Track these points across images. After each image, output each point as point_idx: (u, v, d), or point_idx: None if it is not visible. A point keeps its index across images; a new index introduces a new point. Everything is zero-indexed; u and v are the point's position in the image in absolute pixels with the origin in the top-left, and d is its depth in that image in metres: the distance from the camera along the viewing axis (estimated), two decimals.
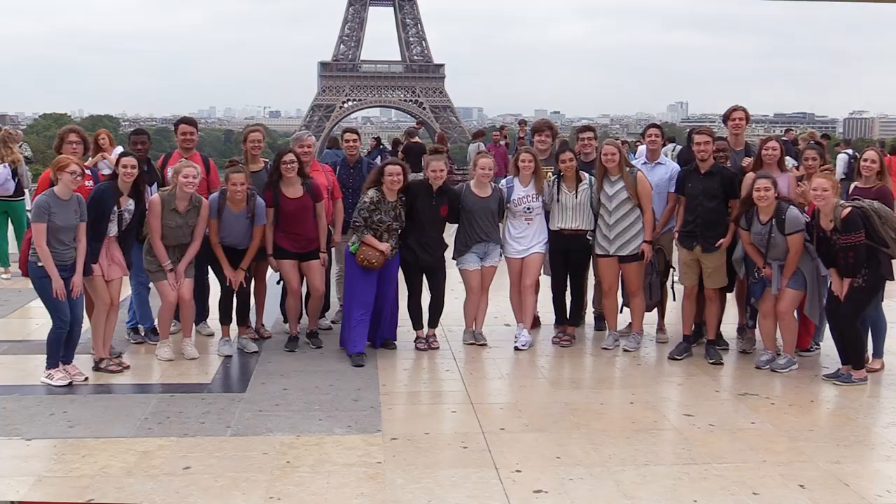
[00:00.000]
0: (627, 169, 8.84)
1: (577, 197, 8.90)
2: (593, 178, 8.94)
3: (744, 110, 9.45)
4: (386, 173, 8.57)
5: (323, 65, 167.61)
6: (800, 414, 7.13)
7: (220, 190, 8.68)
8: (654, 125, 9.93)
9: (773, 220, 8.02)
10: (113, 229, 7.97)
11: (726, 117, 9.51)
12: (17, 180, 12.67)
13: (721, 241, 8.46)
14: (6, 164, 12.50)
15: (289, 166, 8.63)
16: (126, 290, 9.09)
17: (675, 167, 9.23)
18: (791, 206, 8.05)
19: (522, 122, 22.83)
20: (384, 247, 8.53)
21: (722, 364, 8.54)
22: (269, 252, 8.77)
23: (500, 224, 9.12)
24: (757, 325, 8.69)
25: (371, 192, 8.57)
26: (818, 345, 8.92)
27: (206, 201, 8.50)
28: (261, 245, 8.69)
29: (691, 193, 8.60)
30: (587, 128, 10.31)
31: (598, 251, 8.97)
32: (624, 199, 8.76)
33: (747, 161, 8.91)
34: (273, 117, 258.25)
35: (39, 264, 7.41)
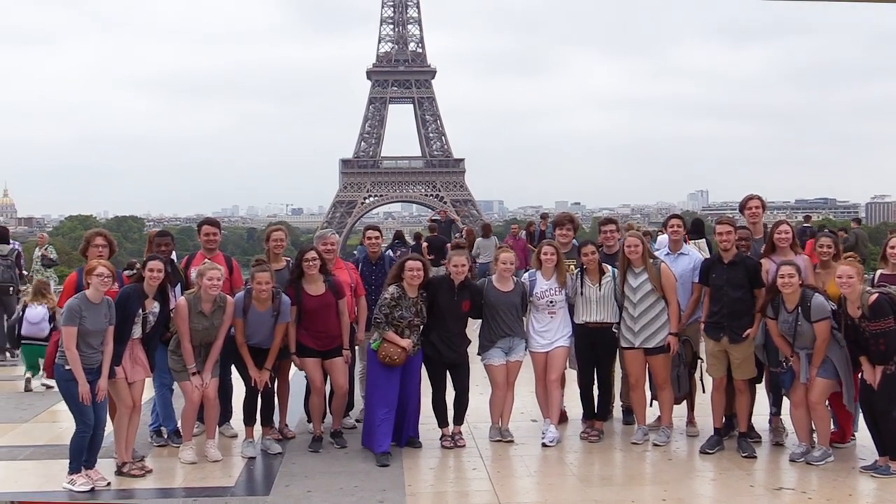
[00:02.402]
0: (651, 261, 8.82)
1: (600, 290, 8.87)
2: (616, 271, 8.91)
3: (759, 199, 9.47)
4: (406, 268, 8.58)
5: (344, 162, 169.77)
6: None
7: (246, 289, 8.70)
8: (675, 216, 9.93)
9: (799, 307, 7.93)
10: (137, 331, 7.98)
11: (742, 206, 9.53)
12: (52, 325, 12.35)
13: (748, 331, 8.37)
14: (45, 305, 12.47)
15: (310, 263, 8.65)
16: (149, 392, 9.05)
17: (698, 257, 9.21)
18: (816, 294, 7.97)
19: (544, 216, 22.94)
20: (406, 343, 8.48)
21: (755, 457, 8.34)
22: (293, 350, 8.74)
23: (523, 318, 9.07)
24: (788, 414, 8.51)
25: (392, 289, 8.57)
26: (853, 435, 8.71)
27: (230, 299, 8.52)
28: (283, 343, 8.67)
29: (716, 284, 8.54)
30: (610, 220, 10.32)
31: (624, 343, 8.89)
32: (648, 291, 8.71)
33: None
34: (295, 214, 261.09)
35: (67, 367, 7.41)
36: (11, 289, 15.35)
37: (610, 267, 9.00)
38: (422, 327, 8.69)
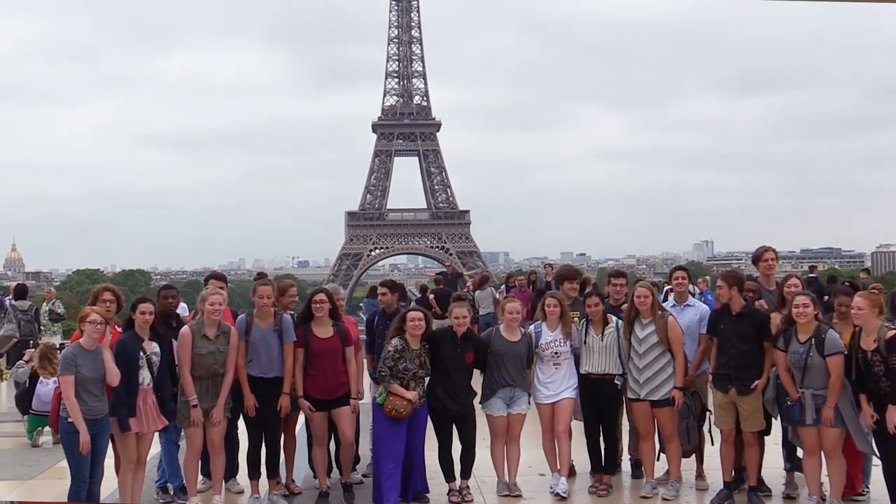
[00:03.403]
0: (659, 312, 8.81)
1: (602, 340, 8.86)
2: (620, 322, 8.91)
3: (773, 251, 9.49)
4: (408, 320, 8.58)
5: (350, 214, 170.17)
6: None
7: (247, 312, 8.77)
8: (680, 267, 9.95)
9: (813, 339, 7.87)
10: (146, 377, 7.97)
11: (757, 258, 9.52)
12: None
13: (756, 382, 8.32)
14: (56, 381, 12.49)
15: (318, 306, 8.68)
16: (155, 448, 9.00)
17: (705, 308, 9.21)
18: (831, 329, 7.94)
19: (549, 266, 22.93)
20: (411, 395, 8.45)
21: None
22: (300, 394, 8.69)
23: (528, 371, 9.01)
24: (802, 466, 8.42)
25: (395, 341, 8.56)
26: (868, 487, 8.61)
27: (233, 328, 8.54)
28: (291, 395, 8.65)
29: (724, 335, 8.52)
30: (620, 273, 10.34)
31: (630, 395, 8.86)
32: (654, 343, 8.69)
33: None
34: (302, 267, 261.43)
35: (69, 419, 7.40)
36: (31, 342, 15.61)
37: (614, 317, 9.00)
38: (427, 380, 8.67)
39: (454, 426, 8.87)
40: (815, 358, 7.84)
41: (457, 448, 8.90)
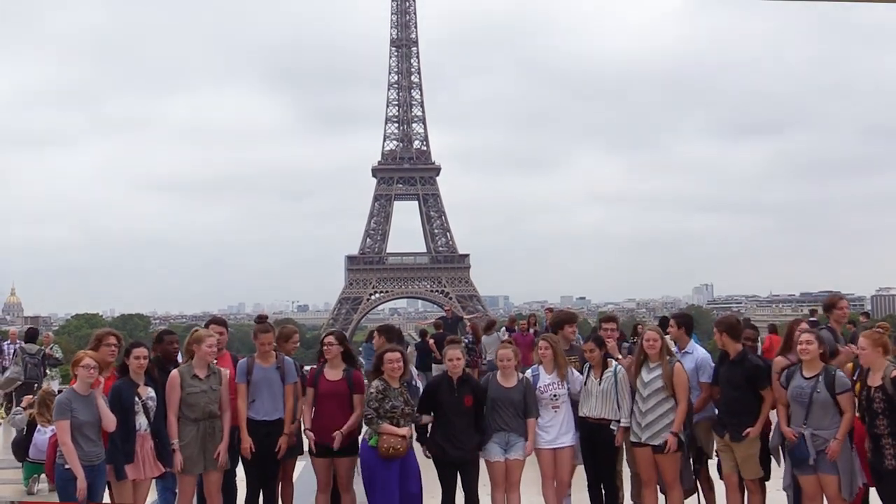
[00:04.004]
0: (668, 357, 8.80)
1: (600, 384, 8.84)
2: (619, 367, 8.90)
3: (846, 299, 9.61)
4: (385, 360, 8.58)
5: (350, 258, 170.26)
6: None
7: (248, 355, 8.83)
8: (674, 316, 9.97)
9: (821, 376, 7.87)
10: (143, 423, 7.93)
11: (831, 305, 9.49)
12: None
13: (748, 430, 8.31)
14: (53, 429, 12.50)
15: (326, 348, 8.74)
16: (151, 496, 8.92)
17: (701, 357, 9.16)
18: (838, 370, 7.99)
19: (549, 310, 22.87)
20: (404, 431, 8.40)
21: None
22: (307, 426, 8.65)
23: (530, 419, 8.91)
24: None
25: (375, 382, 8.49)
26: None
27: (226, 371, 8.58)
28: (292, 442, 8.60)
29: (720, 381, 8.61)
30: (611, 318, 10.37)
31: (632, 438, 8.80)
32: (658, 388, 8.64)
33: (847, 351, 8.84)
34: (301, 311, 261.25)
35: (66, 466, 7.35)
36: (36, 385, 16.00)
37: (614, 362, 8.99)
38: (414, 413, 8.59)
39: (458, 473, 8.77)
40: (821, 394, 7.83)
41: (460, 496, 8.80)
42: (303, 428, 8.80)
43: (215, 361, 8.84)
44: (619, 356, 9.37)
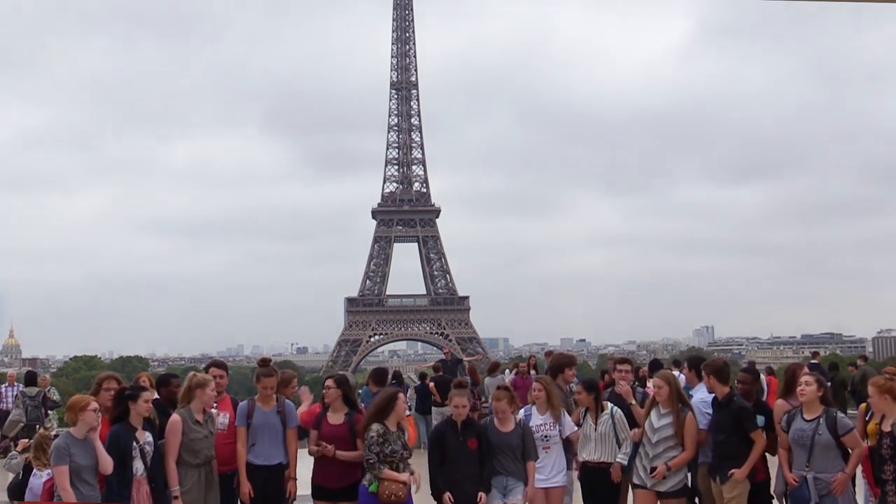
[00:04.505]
0: (680, 405, 8.66)
1: (596, 428, 8.80)
2: (615, 409, 8.88)
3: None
4: (398, 401, 8.42)
5: (349, 300, 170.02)
6: None
7: (249, 398, 8.78)
8: (686, 359, 9.93)
9: (822, 418, 7.81)
10: (139, 467, 7.85)
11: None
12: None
13: (733, 470, 8.23)
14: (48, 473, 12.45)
15: (325, 391, 8.72)
16: None
17: (697, 400, 9.06)
18: (839, 412, 7.94)
19: (549, 354, 22.81)
20: (405, 477, 8.30)
21: None
22: (315, 444, 8.58)
23: (530, 462, 8.82)
24: None
25: (375, 426, 8.34)
26: None
27: (214, 411, 8.58)
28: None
29: (710, 424, 8.61)
30: (625, 360, 10.40)
31: (636, 481, 8.72)
32: (668, 436, 8.55)
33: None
34: (300, 353, 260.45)
35: None
36: (38, 426, 16.12)
37: (609, 404, 8.99)
38: (409, 457, 8.52)
39: None
40: (823, 436, 7.78)
41: None
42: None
43: (215, 405, 8.79)
44: (633, 401, 9.29)
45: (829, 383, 10.18)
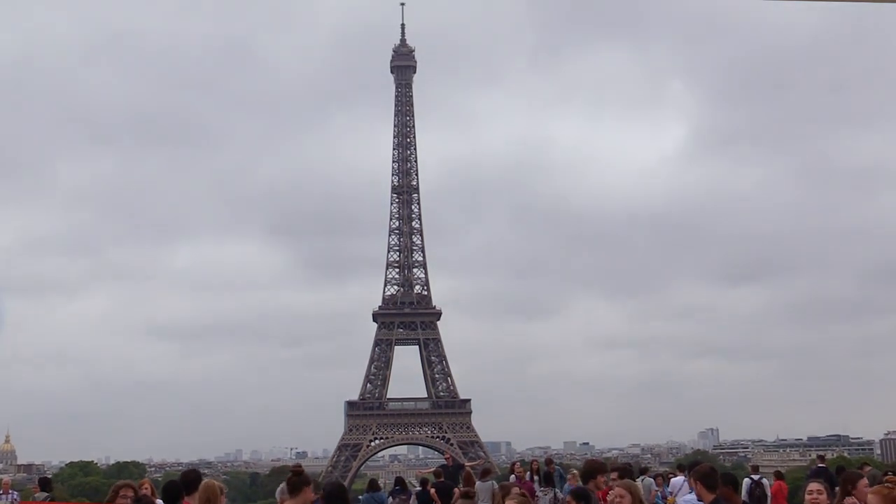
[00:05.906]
0: None
1: None
2: None
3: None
4: None
5: (350, 404, 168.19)
6: None
7: None
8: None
9: None
10: None
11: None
12: None
13: None
14: None
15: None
16: None
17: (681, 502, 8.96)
18: None
19: (549, 462, 22.88)
20: None
21: None
22: None
23: None
24: None
25: None
26: None
27: None
28: None
29: None
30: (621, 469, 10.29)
31: None
32: None
33: None
34: (300, 458, 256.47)
35: None
36: None
37: None
38: None
39: None
40: None
41: None
42: None
43: None
44: None
45: (836, 488, 10.07)
